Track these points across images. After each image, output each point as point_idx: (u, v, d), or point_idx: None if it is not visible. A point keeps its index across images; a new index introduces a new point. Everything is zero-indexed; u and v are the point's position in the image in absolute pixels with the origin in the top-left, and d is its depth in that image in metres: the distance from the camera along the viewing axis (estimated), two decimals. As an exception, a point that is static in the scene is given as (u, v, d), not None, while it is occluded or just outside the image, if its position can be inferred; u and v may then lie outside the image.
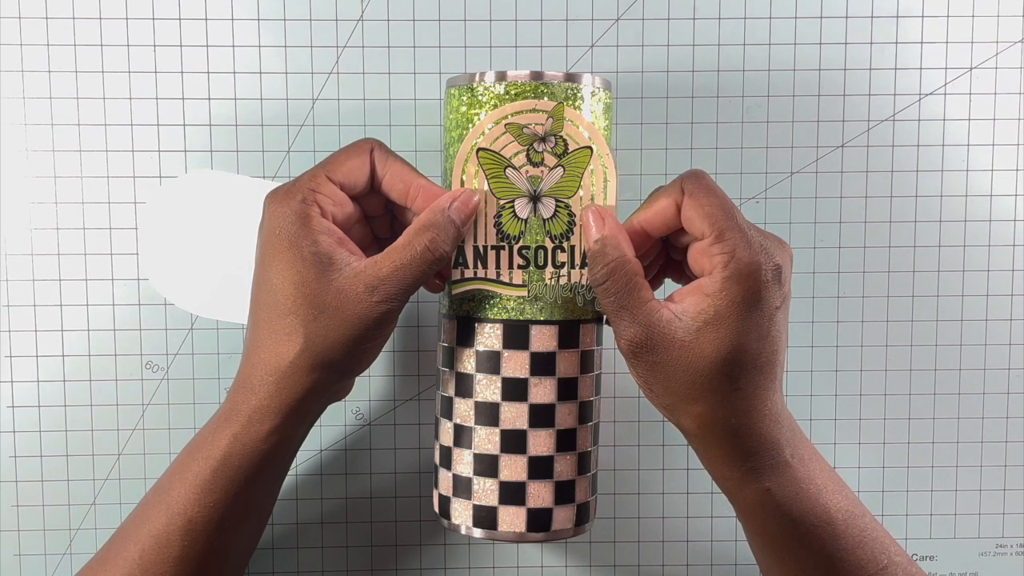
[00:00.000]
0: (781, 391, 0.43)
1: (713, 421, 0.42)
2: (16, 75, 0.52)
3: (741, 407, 0.42)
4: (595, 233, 0.43)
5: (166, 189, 0.53)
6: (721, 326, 0.41)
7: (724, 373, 0.41)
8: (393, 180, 0.45)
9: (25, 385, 0.54)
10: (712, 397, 0.42)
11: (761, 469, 0.43)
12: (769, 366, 0.42)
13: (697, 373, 0.41)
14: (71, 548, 0.54)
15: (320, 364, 0.43)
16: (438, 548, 0.55)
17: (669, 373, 0.42)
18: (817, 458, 0.44)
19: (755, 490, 0.43)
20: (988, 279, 0.55)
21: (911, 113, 0.54)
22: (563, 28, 0.53)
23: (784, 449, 0.43)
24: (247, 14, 0.52)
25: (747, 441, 0.42)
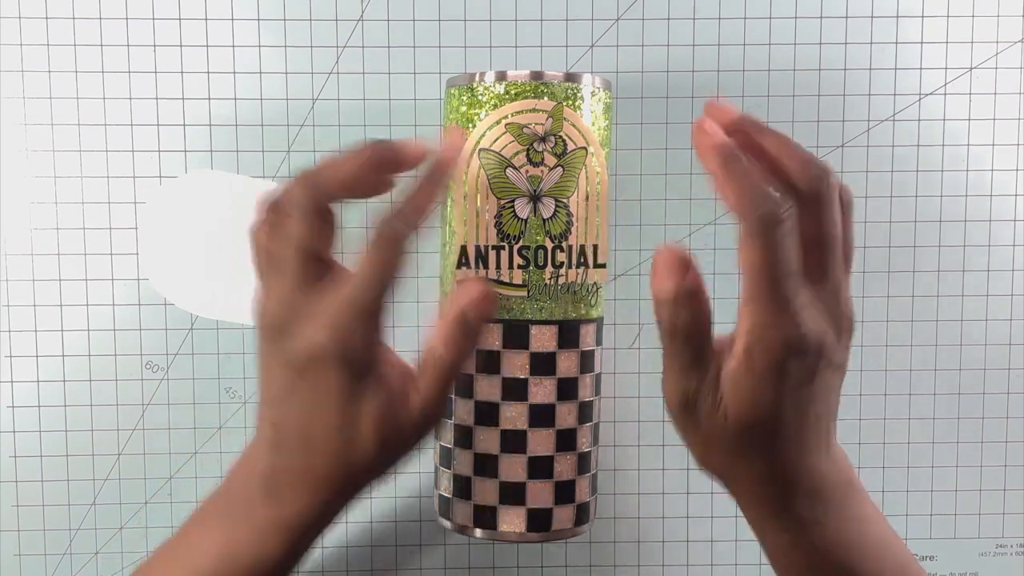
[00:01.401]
0: (822, 454, 0.41)
1: (735, 479, 0.42)
2: (16, 75, 0.52)
3: (759, 470, 0.41)
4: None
5: (166, 189, 0.53)
6: (738, 391, 0.39)
7: (740, 437, 0.40)
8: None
9: (25, 385, 0.54)
10: (729, 458, 0.41)
11: (784, 522, 0.41)
12: (797, 435, 0.40)
13: (716, 434, 0.40)
14: (71, 548, 0.54)
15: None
16: (438, 548, 0.55)
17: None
18: (857, 512, 0.41)
19: (774, 541, 0.42)
20: (988, 279, 0.55)
21: (911, 113, 0.54)
22: (563, 28, 0.53)
23: (815, 507, 0.41)
24: (247, 14, 0.52)
25: (769, 495, 0.41)
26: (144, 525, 0.54)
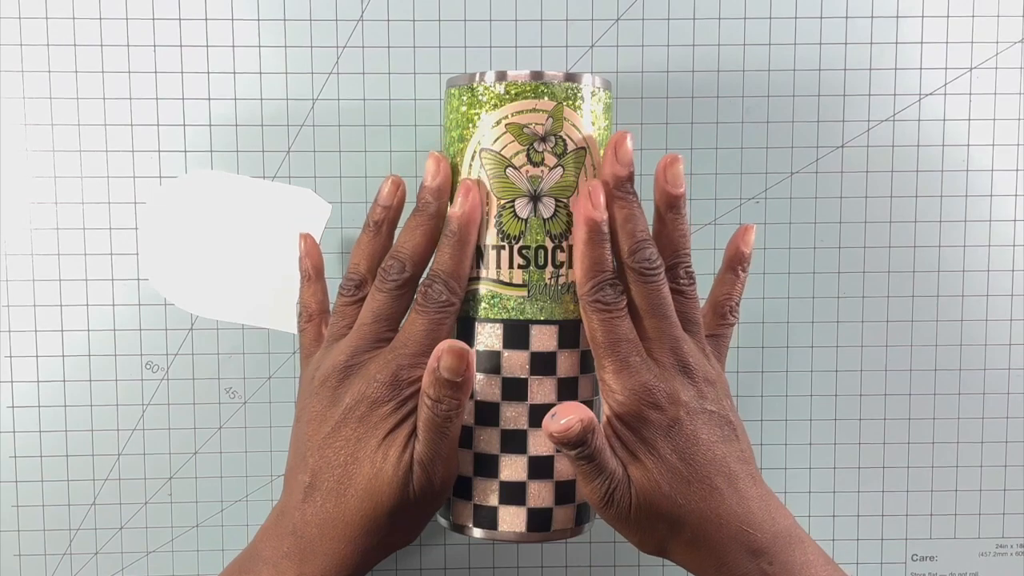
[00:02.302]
0: (747, 506, 0.43)
1: (673, 552, 0.44)
2: (16, 75, 0.52)
3: (688, 536, 0.43)
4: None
5: (166, 189, 0.53)
6: (620, 449, 0.43)
7: (654, 509, 0.43)
8: None
9: (25, 385, 0.54)
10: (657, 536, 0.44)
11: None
12: (702, 487, 0.42)
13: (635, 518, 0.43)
14: (71, 548, 0.54)
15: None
16: (438, 548, 0.55)
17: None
18: (802, 559, 0.43)
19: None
20: (988, 279, 0.55)
21: (911, 113, 0.54)
22: (563, 28, 0.53)
23: (759, 558, 0.43)
24: (247, 14, 0.52)
25: (707, 559, 0.43)
26: (144, 525, 0.54)
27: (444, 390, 0.42)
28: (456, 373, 0.41)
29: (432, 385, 0.42)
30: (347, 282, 0.47)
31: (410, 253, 0.45)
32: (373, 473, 0.43)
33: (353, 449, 0.43)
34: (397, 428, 0.43)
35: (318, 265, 0.50)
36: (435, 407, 0.42)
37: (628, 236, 0.43)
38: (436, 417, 0.42)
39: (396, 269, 0.45)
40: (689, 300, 0.45)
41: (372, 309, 0.45)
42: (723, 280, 0.48)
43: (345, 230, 0.54)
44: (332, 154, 0.53)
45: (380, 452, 0.43)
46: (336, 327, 0.46)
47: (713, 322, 0.48)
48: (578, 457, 0.42)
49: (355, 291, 0.46)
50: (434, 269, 0.44)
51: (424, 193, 0.45)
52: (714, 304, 0.48)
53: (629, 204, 0.44)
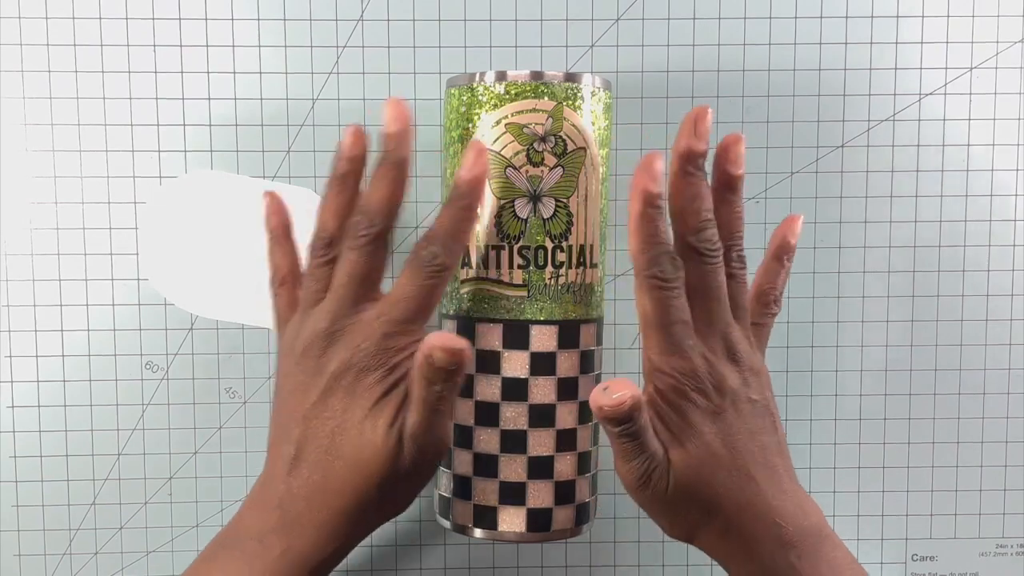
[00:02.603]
0: (781, 499, 0.42)
1: (702, 540, 0.43)
2: (16, 75, 0.52)
3: (719, 525, 0.42)
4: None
5: (166, 189, 0.53)
6: (662, 431, 0.42)
7: (689, 494, 0.42)
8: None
9: (25, 385, 0.54)
10: (689, 521, 0.43)
11: (762, 571, 0.42)
12: (738, 474, 0.42)
13: (671, 502, 0.43)
14: (71, 548, 0.54)
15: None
16: (438, 548, 0.55)
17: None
18: (830, 556, 0.43)
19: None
20: (988, 279, 0.55)
21: (911, 113, 0.54)
22: (563, 28, 0.53)
23: (788, 552, 0.42)
24: (247, 14, 0.52)
25: (736, 549, 0.43)
26: (144, 525, 0.54)
27: (438, 375, 0.40)
28: (451, 364, 0.40)
29: (426, 368, 0.40)
30: (317, 241, 0.44)
31: (376, 206, 0.42)
32: (361, 444, 0.41)
33: (340, 420, 0.41)
34: (385, 397, 0.41)
35: (285, 222, 0.47)
36: (429, 388, 0.40)
37: (694, 214, 0.42)
38: (430, 396, 0.41)
39: (364, 224, 0.42)
40: (740, 285, 0.44)
41: (346, 270, 0.43)
42: (768, 269, 0.47)
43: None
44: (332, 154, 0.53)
45: (368, 422, 0.41)
46: (310, 290, 0.44)
47: (757, 311, 0.47)
48: (621, 435, 0.40)
49: (326, 250, 0.44)
50: (432, 230, 0.42)
51: (386, 140, 0.43)
52: (759, 293, 0.47)
53: (698, 181, 0.42)
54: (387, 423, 0.41)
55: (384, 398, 0.41)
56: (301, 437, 0.42)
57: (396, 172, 0.43)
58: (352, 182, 0.44)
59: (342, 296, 0.43)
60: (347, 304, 0.42)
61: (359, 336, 0.42)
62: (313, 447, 0.42)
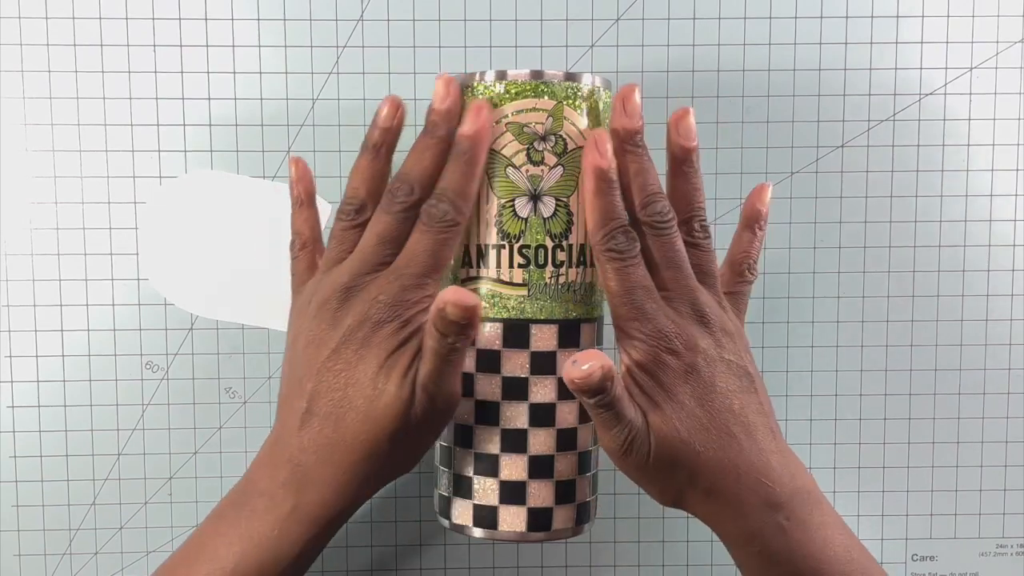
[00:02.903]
0: (765, 459, 0.43)
1: (691, 504, 0.44)
2: (16, 75, 0.52)
3: (705, 485, 0.43)
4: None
5: (166, 189, 0.53)
6: (639, 396, 0.43)
7: (674, 457, 0.42)
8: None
9: (25, 385, 0.54)
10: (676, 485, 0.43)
11: (746, 534, 0.43)
12: (720, 435, 0.42)
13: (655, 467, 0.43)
14: (71, 548, 0.54)
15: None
16: (438, 548, 0.55)
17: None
18: (820, 520, 0.43)
19: (745, 552, 0.43)
20: (988, 279, 0.55)
21: (911, 113, 0.54)
22: (563, 28, 0.53)
23: (776, 513, 0.42)
24: (247, 14, 0.52)
25: (723, 511, 0.43)
26: (144, 525, 0.54)
27: (451, 328, 0.41)
28: (463, 319, 0.40)
29: (439, 321, 0.41)
30: (346, 206, 0.45)
31: (418, 175, 0.43)
32: (375, 395, 0.41)
33: (354, 371, 0.42)
34: (400, 349, 0.42)
35: (310, 190, 0.48)
36: (442, 340, 0.41)
37: (640, 189, 0.43)
38: (442, 348, 0.41)
39: (404, 191, 0.43)
40: (704, 253, 0.45)
41: (376, 232, 0.43)
42: (740, 238, 0.48)
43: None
44: (332, 154, 0.53)
45: (382, 374, 0.42)
46: (334, 251, 0.45)
47: (731, 280, 0.48)
48: (597, 405, 0.41)
49: (355, 215, 0.45)
50: (441, 187, 0.43)
51: (433, 115, 0.44)
52: (731, 262, 0.48)
53: (639, 157, 0.43)
54: (400, 374, 0.42)
55: (398, 350, 0.42)
56: (314, 391, 0.42)
57: (440, 147, 0.43)
58: (385, 152, 0.45)
59: (367, 256, 0.43)
60: (371, 263, 0.43)
61: (376, 289, 0.42)
62: (326, 400, 0.42)
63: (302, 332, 0.44)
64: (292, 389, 0.44)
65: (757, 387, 0.44)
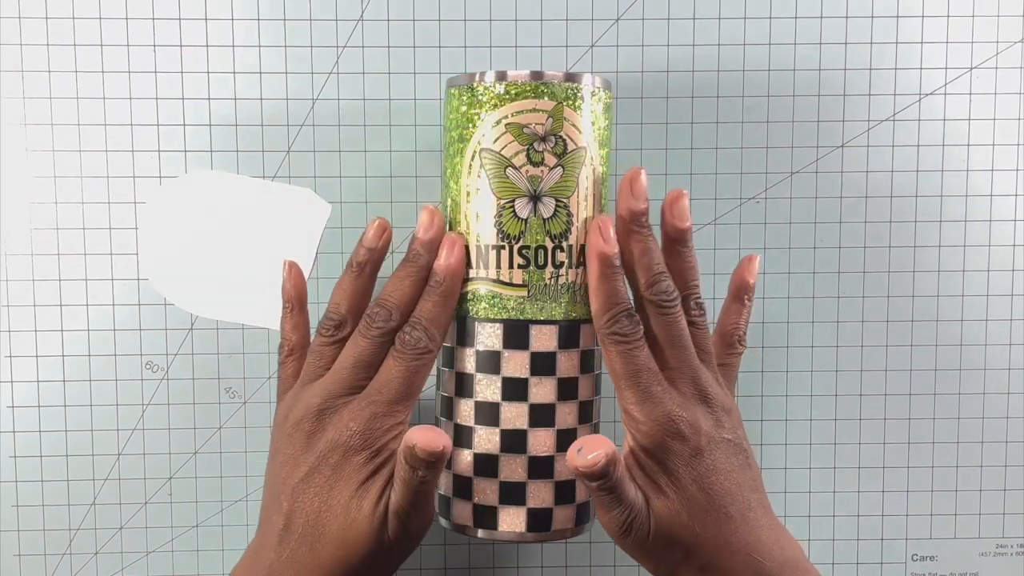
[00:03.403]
0: (756, 533, 0.43)
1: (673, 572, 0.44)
2: (16, 75, 0.52)
3: (699, 561, 0.43)
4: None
5: (166, 189, 0.53)
6: (642, 479, 0.43)
7: (669, 537, 0.43)
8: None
9: (25, 385, 0.54)
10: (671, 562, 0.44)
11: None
12: (716, 514, 0.43)
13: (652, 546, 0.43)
14: (71, 548, 0.54)
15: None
16: (438, 548, 0.55)
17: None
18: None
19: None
20: (988, 279, 0.55)
21: (911, 113, 0.54)
22: (563, 28, 0.53)
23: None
24: (247, 14, 0.52)
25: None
26: (144, 525, 0.54)
27: (420, 463, 0.41)
28: (431, 459, 0.41)
29: (409, 456, 0.42)
30: (327, 321, 0.46)
31: (397, 302, 0.45)
32: (347, 523, 0.43)
33: (326, 497, 0.43)
34: (372, 478, 0.43)
35: (302, 296, 0.49)
36: (412, 472, 0.42)
37: (645, 269, 0.44)
38: (412, 480, 0.42)
39: (382, 317, 0.44)
40: (701, 331, 0.46)
41: (353, 354, 0.45)
42: (730, 309, 0.49)
43: (345, 230, 0.54)
44: (332, 154, 0.53)
45: (354, 502, 0.43)
46: (312, 366, 0.46)
47: (722, 351, 0.48)
48: (599, 489, 0.42)
49: (334, 331, 0.46)
50: (416, 316, 0.44)
51: (416, 244, 0.45)
52: (722, 334, 0.49)
53: (644, 238, 0.44)
54: (372, 503, 0.43)
55: (370, 479, 0.43)
56: (290, 510, 0.43)
57: (420, 276, 0.45)
58: (369, 271, 0.47)
59: (342, 379, 0.44)
60: (344, 386, 0.44)
61: (348, 416, 0.44)
62: (301, 522, 0.43)
63: (280, 448, 0.45)
64: (271, 503, 0.45)
65: (751, 463, 0.45)
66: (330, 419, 0.44)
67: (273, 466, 0.45)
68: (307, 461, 0.44)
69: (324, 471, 0.43)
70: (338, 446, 0.43)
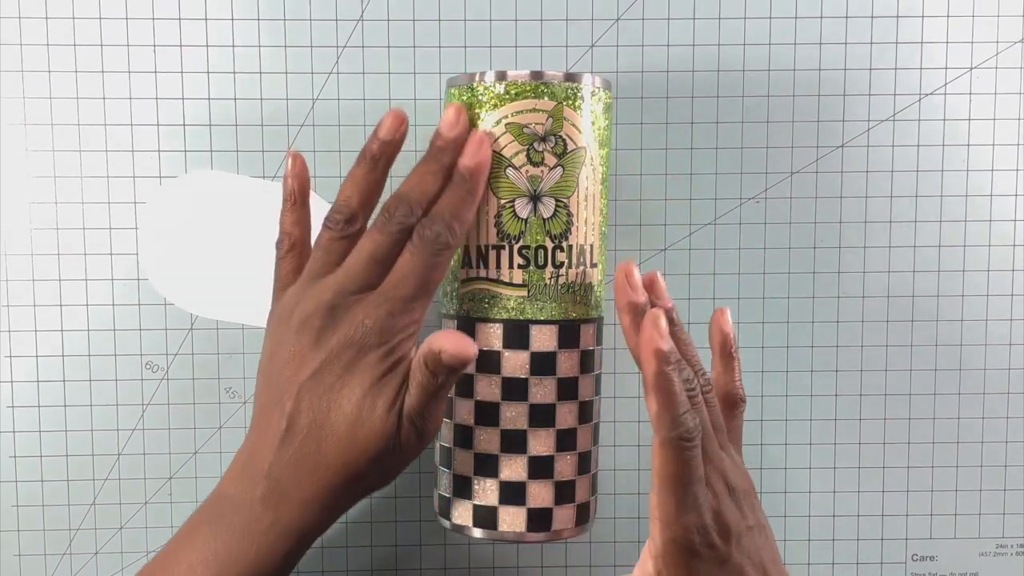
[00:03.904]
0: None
1: None
2: (16, 75, 0.52)
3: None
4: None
5: (166, 189, 0.53)
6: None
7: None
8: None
9: (25, 385, 0.54)
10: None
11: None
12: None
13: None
14: (71, 548, 0.54)
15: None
16: (438, 548, 0.55)
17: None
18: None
19: None
20: (988, 279, 0.55)
21: (911, 113, 0.54)
22: (563, 28, 0.53)
23: None
24: (247, 14, 0.52)
25: None
26: (144, 525, 0.54)
27: (442, 369, 0.40)
28: (459, 365, 0.40)
29: (432, 361, 0.40)
30: (336, 215, 0.43)
31: (418, 197, 0.43)
32: (358, 422, 0.41)
33: (336, 396, 0.41)
34: (386, 377, 0.41)
35: (305, 188, 0.46)
36: (431, 378, 0.41)
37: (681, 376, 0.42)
38: (431, 385, 0.41)
39: (403, 212, 0.42)
40: (713, 408, 0.44)
41: (368, 249, 0.42)
42: (722, 368, 0.47)
43: (345, 230, 0.53)
44: (332, 154, 0.53)
45: (367, 401, 0.41)
46: (319, 262, 0.43)
47: (727, 413, 0.47)
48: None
49: (345, 226, 0.43)
50: (437, 210, 0.42)
51: (439, 141, 0.43)
52: (724, 395, 0.47)
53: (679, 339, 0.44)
54: (387, 404, 0.41)
55: (384, 378, 0.41)
56: (294, 410, 0.42)
57: (443, 173, 0.43)
58: (383, 164, 0.44)
59: (356, 273, 0.42)
60: (358, 282, 0.42)
61: (362, 312, 0.42)
62: (306, 421, 0.42)
63: (282, 345, 0.43)
64: (269, 403, 0.43)
65: (768, 535, 0.44)
66: (342, 316, 0.42)
67: (274, 364, 0.43)
68: (316, 358, 0.42)
69: (335, 369, 0.41)
70: (351, 343, 0.41)
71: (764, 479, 0.55)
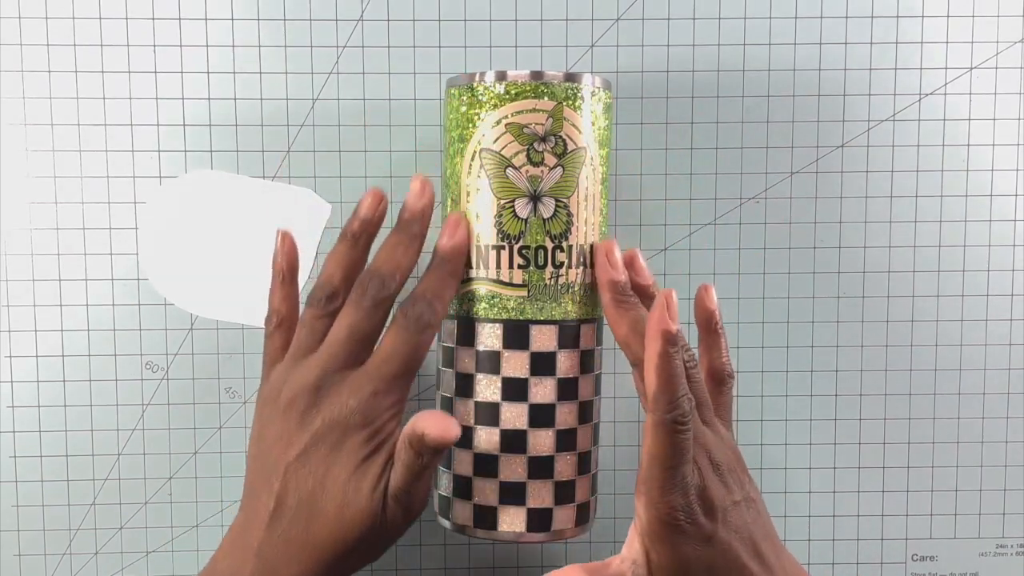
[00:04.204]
0: (775, 568, 0.43)
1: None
2: (16, 75, 0.52)
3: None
4: None
5: (166, 189, 0.53)
6: (660, 564, 0.41)
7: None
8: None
9: (25, 385, 0.54)
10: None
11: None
12: (737, 571, 0.42)
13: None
14: (71, 548, 0.54)
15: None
16: (438, 548, 0.55)
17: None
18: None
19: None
20: (988, 279, 0.55)
21: (911, 113, 0.54)
22: (563, 28, 0.53)
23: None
24: (247, 14, 0.52)
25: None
26: (144, 525, 0.54)
27: (426, 450, 0.41)
28: (440, 445, 0.41)
29: (415, 442, 0.41)
30: (319, 292, 0.45)
31: (390, 271, 0.44)
32: (344, 503, 0.42)
33: (322, 476, 0.42)
34: (371, 458, 0.42)
35: (294, 266, 0.47)
36: (416, 458, 0.41)
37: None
38: (415, 465, 0.41)
39: (375, 286, 0.43)
40: (697, 384, 0.44)
41: (347, 325, 0.43)
42: (709, 344, 0.48)
43: (345, 230, 0.53)
44: (332, 154, 0.53)
45: (352, 482, 0.42)
46: (304, 340, 0.44)
47: (715, 390, 0.47)
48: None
49: (327, 303, 0.44)
50: (419, 290, 0.43)
51: (406, 214, 0.44)
52: (711, 371, 0.47)
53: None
54: (371, 485, 0.42)
55: (369, 459, 0.42)
56: (282, 490, 0.42)
57: (413, 245, 0.44)
58: (364, 242, 0.45)
59: (336, 352, 0.43)
60: (340, 360, 0.43)
61: (347, 392, 0.42)
62: (294, 501, 0.42)
63: (270, 426, 0.44)
64: (258, 483, 0.44)
65: (759, 508, 0.44)
66: (326, 396, 0.42)
67: (261, 444, 0.44)
68: (302, 439, 0.42)
69: (321, 450, 0.42)
70: (336, 424, 0.42)
71: (764, 479, 0.55)
